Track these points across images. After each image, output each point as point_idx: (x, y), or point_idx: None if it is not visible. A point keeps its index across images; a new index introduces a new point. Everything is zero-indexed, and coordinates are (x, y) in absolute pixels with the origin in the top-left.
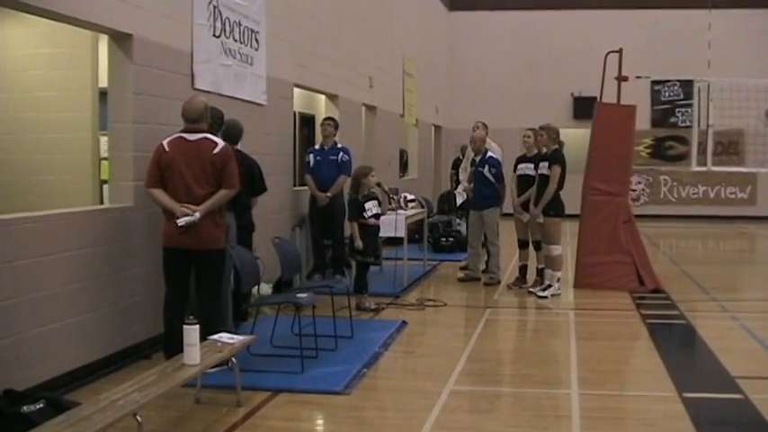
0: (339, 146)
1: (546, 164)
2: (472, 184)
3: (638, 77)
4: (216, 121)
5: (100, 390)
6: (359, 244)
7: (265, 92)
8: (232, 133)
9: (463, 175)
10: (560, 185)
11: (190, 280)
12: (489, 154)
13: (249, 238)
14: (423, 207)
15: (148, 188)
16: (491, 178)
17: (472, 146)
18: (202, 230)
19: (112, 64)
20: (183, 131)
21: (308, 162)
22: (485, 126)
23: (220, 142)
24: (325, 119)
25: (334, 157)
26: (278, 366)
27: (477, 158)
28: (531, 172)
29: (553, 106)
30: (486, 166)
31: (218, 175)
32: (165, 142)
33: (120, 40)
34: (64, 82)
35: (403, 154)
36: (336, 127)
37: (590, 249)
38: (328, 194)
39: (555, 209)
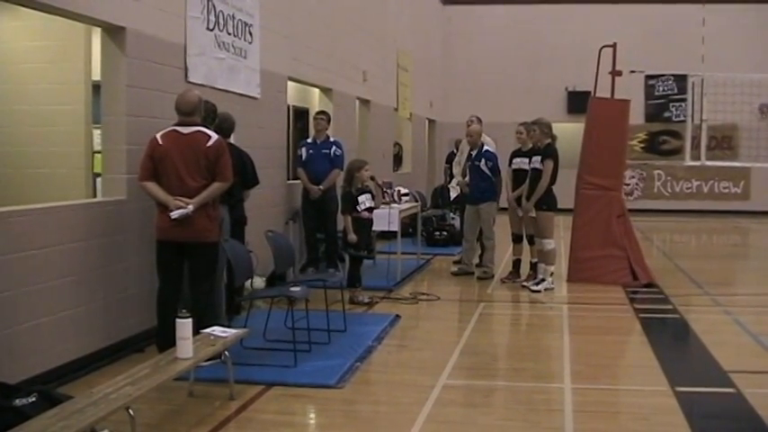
0: (332, 140)
1: (538, 158)
2: (467, 179)
3: (632, 72)
4: (209, 115)
5: (93, 383)
6: (352, 237)
7: (259, 85)
8: (224, 126)
9: (457, 170)
10: (553, 180)
11: (183, 273)
12: (486, 148)
13: (241, 232)
14: (416, 201)
15: (142, 181)
16: (487, 172)
17: (468, 139)
18: (196, 223)
19: (106, 57)
20: (176, 125)
21: (301, 156)
22: (479, 120)
23: (214, 135)
24: (318, 113)
25: (327, 151)
26: (271, 360)
27: (474, 152)
28: (526, 166)
29: (547, 101)
30: (483, 160)
31: (212, 168)
32: (158, 135)
33: (114, 33)
34: (57, 75)
35: (396, 146)
36: (329, 121)
37: (583, 244)
38: (320, 187)
39: (548, 203)
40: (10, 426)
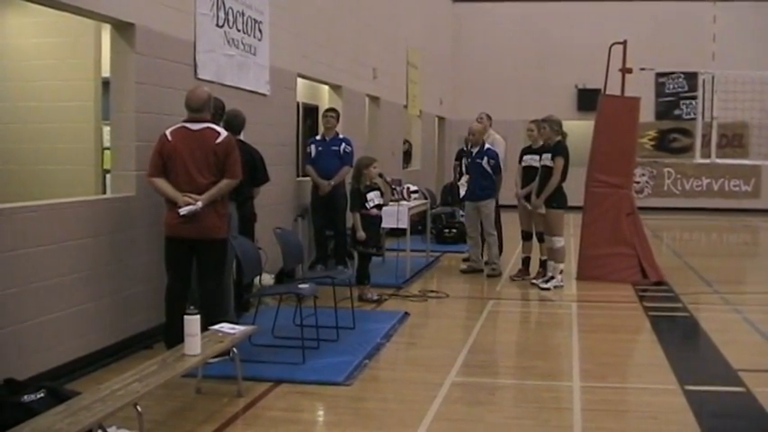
0: (341, 137)
1: (548, 155)
2: (467, 176)
3: (642, 69)
4: (217, 112)
5: (101, 379)
6: (361, 235)
7: (268, 82)
8: (234, 123)
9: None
10: (563, 177)
11: (192, 269)
12: (487, 146)
13: (251, 229)
14: (425, 198)
15: (151, 177)
16: (489, 170)
17: (471, 138)
18: (204, 220)
19: (115, 53)
20: (185, 121)
21: (310, 153)
22: (488, 117)
23: (223, 132)
24: (328, 110)
25: (336, 148)
26: (279, 357)
27: (475, 150)
28: (536, 163)
29: (557, 98)
30: (485, 158)
31: (221, 165)
32: (167, 132)
33: (123, 30)
34: (67, 71)
35: (405, 143)
36: (338, 118)
37: (593, 241)
38: (331, 183)
39: (557, 201)
40: (18, 421)
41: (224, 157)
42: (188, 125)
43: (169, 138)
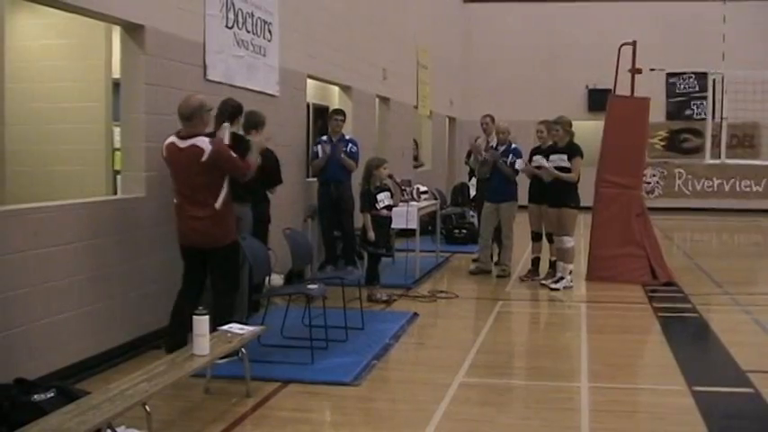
0: (347, 137)
1: (564, 156)
2: (476, 176)
3: (652, 70)
4: (235, 114)
5: (110, 379)
6: (371, 235)
7: (278, 83)
8: (250, 120)
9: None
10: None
11: (206, 276)
12: (514, 145)
13: (265, 231)
14: (435, 199)
15: None
16: (515, 168)
17: (500, 136)
18: (212, 230)
19: (125, 55)
20: (177, 134)
21: (316, 153)
22: (492, 120)
23: (207, 147)
24: (336, 112)
25: (344, 148)
26: (288, 357)
27: (501, 148)
28: (545, 163)
29: (567, 98)
30: (510, 156)
31: (217, 173)
32: (165, 144)
33: (133, 31)
34: (77, 73)
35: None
36: (344, 120)
37: (603, 242)
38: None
39: (574, 200)
40: (28, 420)
41: (215, 165)
42: (177, 142)
43: (164, 153)
